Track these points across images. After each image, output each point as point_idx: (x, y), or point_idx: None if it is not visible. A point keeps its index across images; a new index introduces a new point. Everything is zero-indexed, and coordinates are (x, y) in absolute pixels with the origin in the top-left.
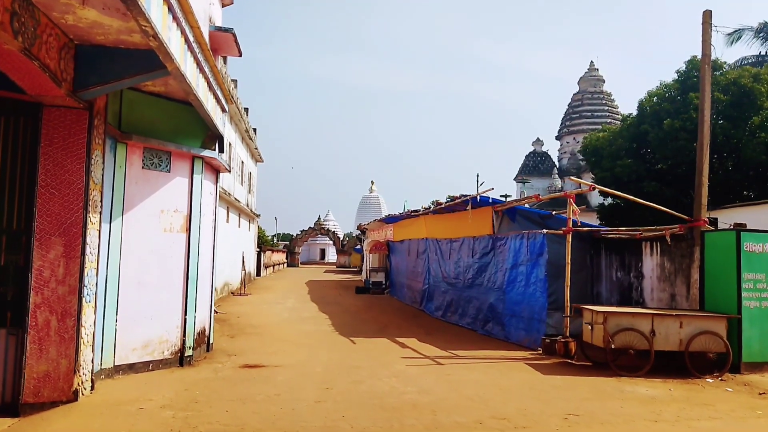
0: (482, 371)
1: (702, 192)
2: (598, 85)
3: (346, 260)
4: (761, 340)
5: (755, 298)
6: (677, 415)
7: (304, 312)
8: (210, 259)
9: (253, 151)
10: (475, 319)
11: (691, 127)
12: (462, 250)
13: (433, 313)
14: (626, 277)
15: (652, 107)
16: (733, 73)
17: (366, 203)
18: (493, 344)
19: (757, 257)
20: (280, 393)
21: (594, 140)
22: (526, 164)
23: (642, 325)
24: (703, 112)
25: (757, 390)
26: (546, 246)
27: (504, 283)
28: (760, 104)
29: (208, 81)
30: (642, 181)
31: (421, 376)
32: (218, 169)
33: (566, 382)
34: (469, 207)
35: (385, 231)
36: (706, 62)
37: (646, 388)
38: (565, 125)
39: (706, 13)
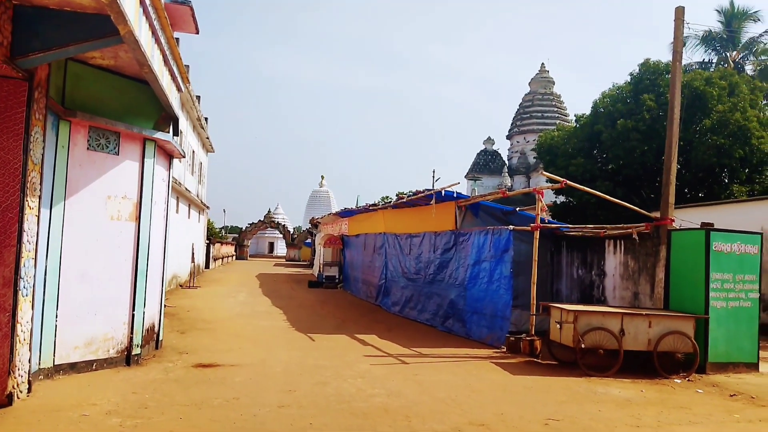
0: (450, 371)
1: (669, 191)
2: (548, 87)
3: (295, 254)
4: (727, 341)
5: (722, 299)
6: (657, 420)
7: (258, 306)
8: (161, 250)
9: (205, 141)
10: (435, 315)
11: (642, 128)
12: (423, 245)
13: (390, 308)
14: (587, 274)
15: (605, 108)
16: (686, 76)
17: (316, 197)
18: (455, 341)
19: (726, 257)
20: (239, 397)
21: (549, 139)
22: (477, 162)
23: (612, 324)
24: (673, 110)
25: (727, 391)
26: (512, 242)
27: (466, 279)
28: (711, 107)
29: (163, 53)
30: (595, 180)
31: (388, 377)
32: (172, 154)
33: (538, 383)
34: (433, 201)
35: (339, 225)
36: (678, 59)
37: (618, 389)
38: (515, 125)
39: (678, 10)
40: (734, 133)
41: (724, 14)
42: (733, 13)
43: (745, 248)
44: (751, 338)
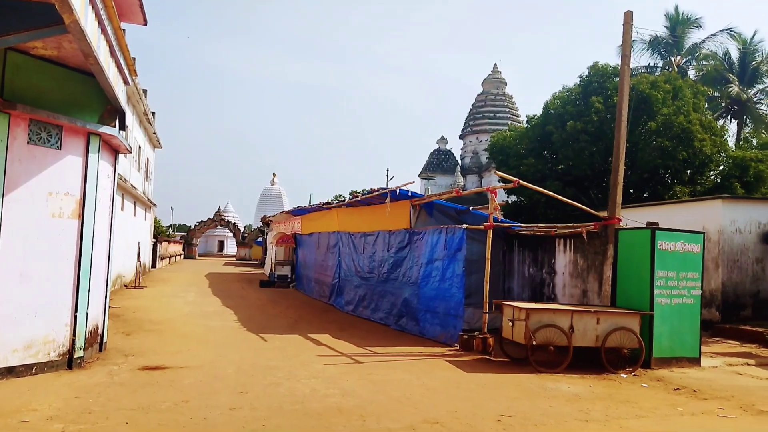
0: (405, 369)
1: (617, 191)
2: (500, 87)
3: (246, 253)
4: (670, 336)
5: (666, 295)
6: (606, 414)
7: (207, 306)
8: (105, 249)
9: (152, 136)
10: (389, 314)
11: (591, 129)
12: (377, 244)
13: (344, 307)
14: (538, 273)
15: (556, 109)
16: (633, 79)
17: (267, 195)
18: (408, 340)
19: (670, 255)
20: (188, 399)
21: (501, 139)
22: (430, 161)
23: (562, 321)
24: (621, 112)
25: (671, 386)
26: (465, 241)
27: (420, 278)
28: (656, 110)
29: (110, 44)
30: (546, 180)
31: (342, 377)
32: (117, 149)
33: (491, 380)
34: (387, 200)
35: (292, 223)
36: (626, 63)
37: (568, 385)
38: (468, 125)
39: (627, 14)
40: (678, 136)
41: (669, 20)
42: (678, 20)
43: (688, 247)
44: (694, 334)
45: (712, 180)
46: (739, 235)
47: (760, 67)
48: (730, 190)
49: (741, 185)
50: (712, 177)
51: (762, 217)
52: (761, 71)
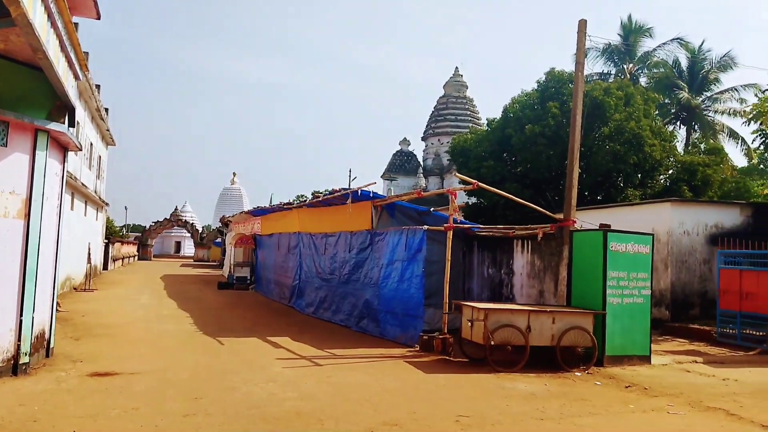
0: (364, 371)
1: (572, 194)
2: (462, 90)
3: (204, 254)
4: (622, 335)
5: (618, 295)
6: (560, 412)
7: (162, 309)
8: (53, 250)
9: (104, 133)
10: (350, 315)
11: (548, 133)
12: (338, 245)
13: (304, 309)
14: (497, 273)
15: (515, 113)
16: (587, 86)
17: (227, 195)
18: (369, 342)
19: (621, 256)
20: (139, 406)
21: (462, 142)
22: (393, 163)
23: (519, 321)
24: (575, 117)
25: (623, 383)
26: (425, 242)
27: (381, 279)
28: (609, 116)
29: (60, 38)
30: (505, 182)
31: (301, 380)
32: (67, 147)
33: (450, 381)
34: (349, 201)
35: (252, 224)
36: (580, 70)
37: (525, 384)
38: (430, 127)
39: (581, 23)
40: (629, 141)
41: (623, 28)
42: (631, 28)
43: (638, 248)
44: (644, 332)
45: (661, 183)
46: (687, 236)
47: (708, 75)
48: (678, 193)
49: (689, 189)
50: (661, 181)
51: (709, 220)
52: (709, 79)
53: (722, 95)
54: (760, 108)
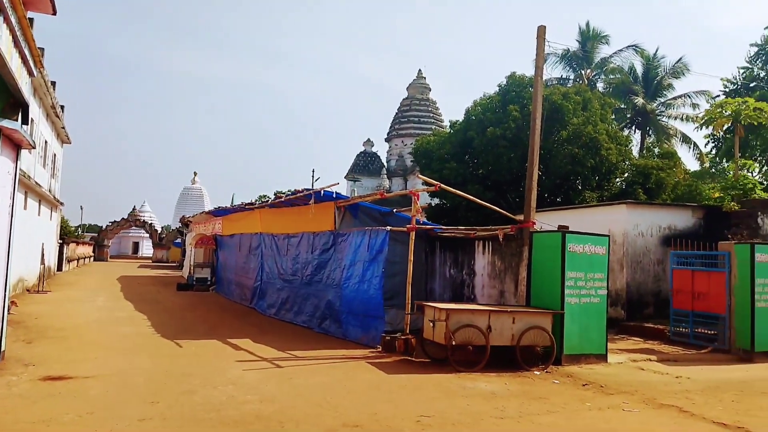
0: (326, 373)
1: (531, 196)
2: (425, 93)
3: (164, 254)
4: (580, 334)
5: (575, 295)
6: (519, 411)
7: (118, 311)
8: (5, 250)
9: (60, 131)
10: (312, 316)
11: (509, 136)
12: (301, 246)
13: (266, 311)
14: (459, 274)
15: (477, 116)
16: (547, 90)
17: (187, 195)
18: (331, 343)
19: (578, 257)
20: (93, 411)
21: (425, 143)
22: (356, 163)
23: (480, 321)
24: (535, 121)
25: (580, 381)
26: (387, 243)
27: (343, 279)
28: (567, 120)
29: (13, 33)
30: (467, 184)
31: (262, 382)
32: (20, 145)
33: (411, 381)
34: (312, 201)
35: (213, 224)
36: (539, 74)
37: (485, 383)
38: (394, 128)
39: (540, 29)
40: (587, 144)
41: (581, 35)
42: (589, 35)
43: (595, 249)
44: (600, 331)
45: (617, 186)
46: (642, 238)
47: (662, 81)
48: (633, 196)
49: (644, 191)
50: (617, 183)
51: (662, 222)
52: (663, 85)
53: (675, 101)
54: (711, 114)
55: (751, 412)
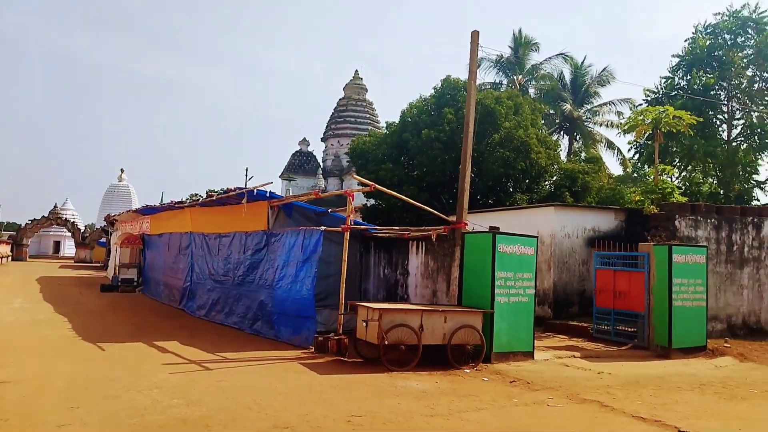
0: (256, 375)
1: (464, 197)
2: (361, 93)
3: (87, 254)
4: (508, 332)
5: (505, 294)
6: (449, 409)
7: (37, 314)
8: None
9: None
10: (244, 318)
11: (444, 138)
12: (233, 246)
13: (195, 312)
14: (393, 274)
15: (413, 118)
16: (480, 94)
17: (114, 192)
18: (263, 344)
19: (508, 257)
20: (8, 418)
21: (361, 144)
22: (292, 163)
23: (413, 320)
24: (468, 124)
25: (508, 378)
26: (321, 243)
27: (276, 280)
28: (499, 124)
29: None
30: (402, 185)
31: (189, 385)
32: None
33: (344, 382)
34: (244, 200)
35: (140, 223)
36: (473, 78)
37: (417, 382)
38: (330, 128)
39: (474, 34)
40: (518, 148)
41: (514, 41)
42: (521, 42)
43: (524, 249)
44: (528, 330)
45: (546, 189)
46: (568, 239)
47: (589, 89)
48: (561, 198)
49: (570, 194)
50: (546, 186)
51: (587, 224)
52: (590, 92)
53: (601, 108)
54: (633, 121)
55: (667, 405)
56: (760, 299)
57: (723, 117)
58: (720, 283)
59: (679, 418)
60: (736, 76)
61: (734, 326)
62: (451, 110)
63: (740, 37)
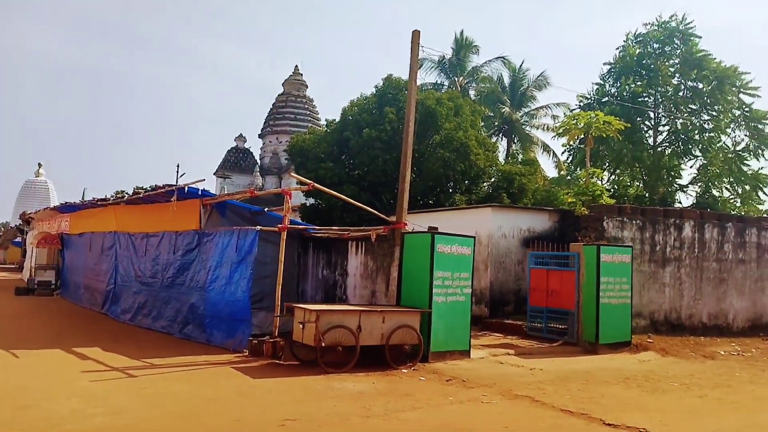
0: (186, 381)
1: (404, 197)
2: (301, 90)
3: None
4: (446, 332)
5: (442, 294)
6: (386, 409)
7: None
8: None
9: None
10: (173, 321)
11: (385, 138)
12: (162, 246)
13: (120, 316)
14: (331, 274)
15: (354, 116)
16: (421, 94)
17: (30, 189)
18: (193, 349)
19: (446, 257)
20: None
21: (300, 141)
22: (227, 159)
23: (351, 321)
24: (409, 124)
25: (444, 377)
26: (257, 243)
27: (208, 282)
28: (440, 125)
29: None
30: (343, 184)
31: (112, 393)
32: None
33: (279, 385)
34: (174, 198)
35: (58, 222)
36: (413, 78)
37: (353, 383)
38: (269, 124)
39: (414, 33)
40: (458, 149)
41: (456, 43)
42: (462, 44)
43: (461, 249)
44: (464, 329)
45: (485, 190)
46: (505, 239)
47: (526, 93)
48: (498, 199)
49: (507, 195)
50: (485, 187)
51: (523, 224)
52: (527, 96)
53: (538, 111)
54: (566, 125)
55: (594, 399)
56: (680, 297)
57: (650, 123)
58: (644, 281)
59: (605, 411)
60: (662, 84)
61: (657, 322)
62: (392, 110)
63: (668, 47)
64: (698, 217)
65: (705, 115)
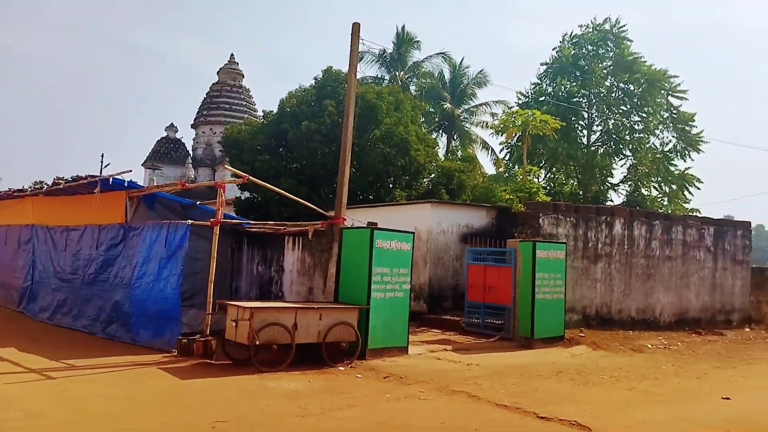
0: (108, 383)
1: (343, 192)
2: (237, 79)
3: None
4: (384, 328)
5: (381, 290)
6: (321, 407)
7: None
8: None
9: None
10: (95, 320)
11: (324, 131)
12: (83, 241)
13: (38, 315)
14: (267, 271)
15: (292, 108)
16: (362, 88)
17: None
18: (118, 349)
19: (385, 253)
20: None
21: (235, 133)
22: (157, 150)
23: (286, 319)
24: (348, 118)
25: (382, 374)
26: (188, 238)
27: (134, 278)
28: (381, 119)
29: None
30: (280, 177)
31: (28, 396)
32: None
33: (210, 386)
34: (97, 190)
35: None
36: (353, 71)
37: (288, 382)
38: (202, 114)
39: (354, 26)
40: (398, 144)
41: (397, 37)
42: (403, 39)
43: (401, 245)
44: (403, 325)
45: (425, 186)
46: (444, 235)
47: (466, 90)
48: (438, 195)
49: (447, 192)
50: (425, 183)
51: (461, 220)
52: (467, 93)
53: (478, 109)
54: (504, 123)
55: (528, 393)
56: (611, 292)
57: (584, 123)
58: (577, 277)
59: (538, 405)
60: (596, 85)
61: (589, 317)
62: (332, 102)
63: (601, 49)
64: (628, 215)
65: (635, 116)
